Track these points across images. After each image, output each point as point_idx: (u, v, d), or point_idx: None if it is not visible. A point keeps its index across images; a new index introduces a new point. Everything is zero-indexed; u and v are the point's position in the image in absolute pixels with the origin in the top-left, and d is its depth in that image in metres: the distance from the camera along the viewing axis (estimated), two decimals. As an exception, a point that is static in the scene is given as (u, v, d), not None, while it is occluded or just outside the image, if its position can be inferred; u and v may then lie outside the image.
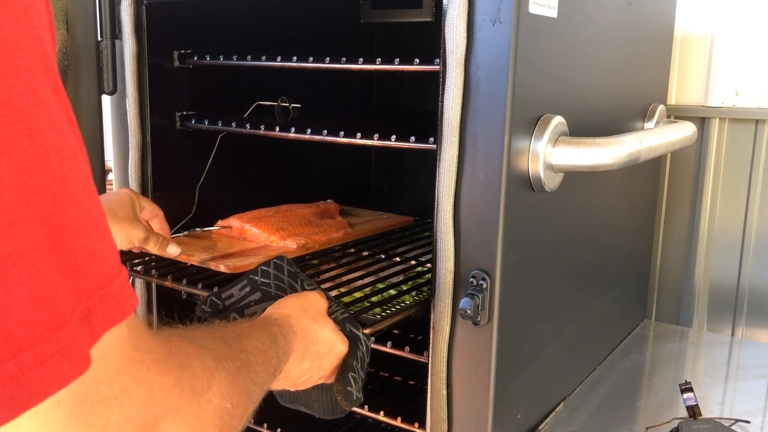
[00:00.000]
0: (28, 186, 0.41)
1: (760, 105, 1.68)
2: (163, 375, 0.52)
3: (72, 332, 0.43)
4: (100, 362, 0.46)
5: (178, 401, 0.53)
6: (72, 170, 0.45)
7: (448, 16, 1.00)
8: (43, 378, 0.41)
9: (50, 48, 0.47)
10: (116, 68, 1.41)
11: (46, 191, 0.43)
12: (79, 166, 0.46)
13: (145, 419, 0.49)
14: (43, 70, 0.45)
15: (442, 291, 1.08)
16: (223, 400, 0.59)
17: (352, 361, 0.98)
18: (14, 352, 0.39)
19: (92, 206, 0.46)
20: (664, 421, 1.25)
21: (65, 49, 1.35)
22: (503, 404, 1.11)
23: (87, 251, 0.45)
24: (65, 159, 0.45)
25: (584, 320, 1.41)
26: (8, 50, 0.42)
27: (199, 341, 0.63)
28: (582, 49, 1.20)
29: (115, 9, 1.37)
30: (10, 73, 0.42)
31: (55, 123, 0.45)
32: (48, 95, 0.45)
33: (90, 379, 0.44)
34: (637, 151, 1.17)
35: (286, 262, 1.03)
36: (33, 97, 0.43)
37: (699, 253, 1.79)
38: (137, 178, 1.43)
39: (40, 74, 0.44)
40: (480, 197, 1.03)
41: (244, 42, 1.49)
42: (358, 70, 1.21)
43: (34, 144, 0.42)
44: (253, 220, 1.47)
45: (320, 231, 1.53)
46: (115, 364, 0.47)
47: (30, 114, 0.42)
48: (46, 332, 0.41)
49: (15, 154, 0.41)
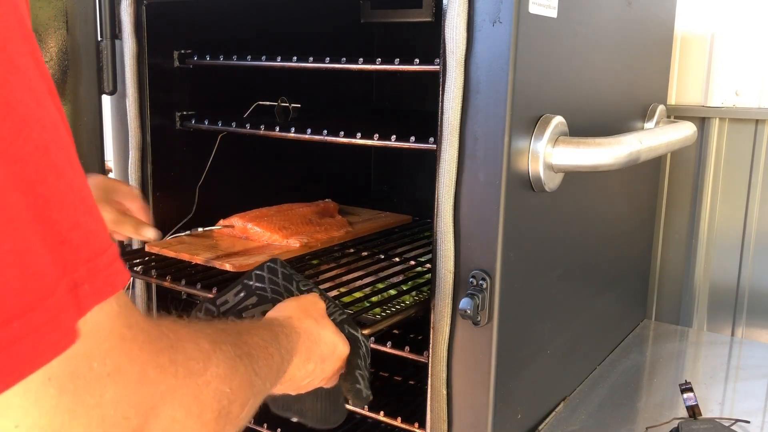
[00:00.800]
0: (7, 155, 0.40)
1: (760, 105, 1.68)
2: (155, 354, 0.51)
3: (60, 302, 0.42)
4: (90, 339, 0.44)
5: (173, 381, 0.52)
6: (54, 141, 0.43)
7: (448, 16, 1.00)
8: (35, 347, 0.40)
9: (26, 15, 0.45)
10: (116, 68, 1.41)
11: (28, 161, 0.41)
12: (61, 137, 0.45)
13: (141, 399, 0.48)
14: (21, 37, 0.43)
15: (442, 291, 1.08)
16: (221, 383, 0.58)
17: (357, 360, 0.97)
18: (3, 321, 0.39)
19: (76, 178, 0.45)
20: (664, 421, 1.25)
21: (65, 49, 1.35)
22: (503, 404, 1.11)
23: (72, 223, 0.44)
24: (46, 129, 0.43)
25: (584, 320, 1.41)
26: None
27: (194, 326, 0.62)
28: (582, 49, 1.20)
29: (115, 9, 1.37)
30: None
31: (35, 92, 0.43)
32: (26, 63, 0.43)
33: (81, 355, 0.44)
34: (637, 151, 1.17)
35: (279, 265, 1.03)
36: (9, 64, 0.41)
37: (699, 253, 1.79)
38: (137, 178, 1.43)
39: (18, 41, 0.42)
40: (480, 197, 1.03)
41: (244, 42, 1.49)
42: (358, 70, 1.21)
43: (13, 112, 0.41)
44: (255, 219, 1.48)
45: (321, 230, 1.53)
46: (107, 341, 0.46)
47: (6, 81, 0.41)
48: (34, 301, 0.40)
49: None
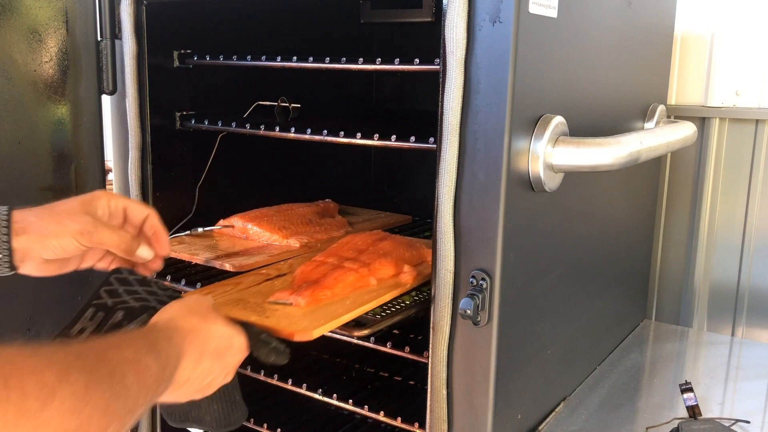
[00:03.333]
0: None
1: (760, 105, 1.68)
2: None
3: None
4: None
5: (1, 423, 0.51)
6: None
7: (448, 16, 1.00)
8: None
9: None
10: (116, 68, 1.41)
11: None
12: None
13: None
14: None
15: (442, 291, 1.08)
16: (66, 419, 0.56)
17: (256, 332, 0.95)
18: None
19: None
20: (664, 421, 1.25)
21: (65, 49, 1.35)
22: (503, 404, 1.11)
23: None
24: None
25: (584, 320, 1.41)
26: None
27: (43, 355, 0.60)
28: (582, 49, 1.20)
29: (115, 9, 1.37)
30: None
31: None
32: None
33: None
34: (637, 151, 1.17)
35: (127, 273, 0.98)
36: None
37: (699, 253, 1.79)
38: (137, 178, 1.43)
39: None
40: (480, 197, 1.03)
41: (244, 42, 1.49)
42: (358, 70, 1.21)
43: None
44: (255, 219, 1.47)
45: (321, 230, 1.53)
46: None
47: None
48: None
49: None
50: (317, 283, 1.16)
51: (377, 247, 1.32)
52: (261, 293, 1.15)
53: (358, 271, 1.22)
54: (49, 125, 1.36)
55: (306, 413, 1.56)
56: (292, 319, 1.06)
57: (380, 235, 1.41)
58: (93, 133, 1.43)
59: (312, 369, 1.57)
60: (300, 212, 1.57)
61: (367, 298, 1.17)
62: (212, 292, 1.17)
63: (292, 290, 1.14)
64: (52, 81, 1.34)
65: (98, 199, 1.02)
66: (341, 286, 1.17)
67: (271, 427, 1.48)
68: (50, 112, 1.36)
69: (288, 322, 1.04)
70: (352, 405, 1.35)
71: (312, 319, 1.06)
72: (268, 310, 1.08)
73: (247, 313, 1.06)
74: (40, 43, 1.32)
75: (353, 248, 1.31)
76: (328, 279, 1.17)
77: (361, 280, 1.21)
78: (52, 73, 1.34)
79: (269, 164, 1.72)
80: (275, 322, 1.04)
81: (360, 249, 1.31)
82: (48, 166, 1.36)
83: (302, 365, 1.57)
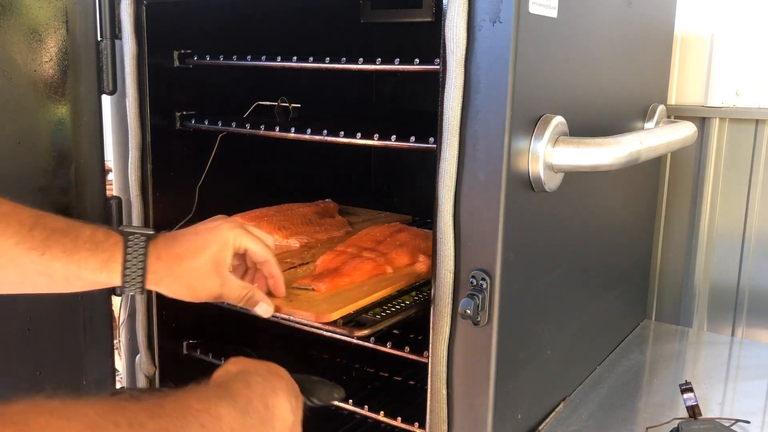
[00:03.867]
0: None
1: (760, 105, 1.68)
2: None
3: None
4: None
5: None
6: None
7: (448, 16, 1.00)
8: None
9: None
10: (116, 68, 1.41)
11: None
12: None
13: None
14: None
15: (442, 291, 1.08)
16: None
17: (310, 381, 0.97)
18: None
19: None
20: (664, 421, 1.25)
21: (65, 49, 1.35)
22: (503, 404, 1.11)
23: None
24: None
25: (584, 320, 1.41)
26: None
27: (70, 408, 0.55)
28: (582, 49, 1.20)
29: (115, 9, 1.37)
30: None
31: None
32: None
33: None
34: (637, 151, 1.17)
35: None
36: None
37: (699, 253, 1.79)
38: (137, 178, 1.43)
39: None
40: (480, 197, 1.03)
41: (244, 42, 1.49)
42: (358, 70, 1.21)
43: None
44: (255, 219, 1.48)
45: (321, 230, 1.53)
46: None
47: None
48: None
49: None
50: (337, 271, 1.23)
51: (394, 238, 1.39)
52: (285, 280, 1.20)
53: (375, 260, 1.28)
54: (49, 125, 1.36)
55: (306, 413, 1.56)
56: (314, 302, 1.13)
57: (398, 227, 1.47)
58: (93, 133, 1.43)
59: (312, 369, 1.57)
60: (300, 212, 1.57)
61: (383, 285, 1.23)
62: None
63: (313, 277, 1.21)
64: (52, 81, 1.34)
65: (226, 249, 1.01)
66: (359, 273, 1.23)
67: (271, 427, 1.47)
68: (50, 112, 1.36)
69: (309, 305, 1.12)
70: (351, 405, 1.35)
71: (332, 303, 1.14)
72: (292, 295, 1.15)
73: (273, 297, 1.13)
74: (40, 43, 1.32)
75: (371, 239, 1.38)
76: (347, 267, 1.24)
77: (378, 268, 1.27)
78: (52, 73, 1.34)
79: (269, 164, 1.72)
80: (298, 305, 1.11)
81: (378, 240, 1.38)
82: (48, 166, 1.36)
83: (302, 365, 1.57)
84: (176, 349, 1.55)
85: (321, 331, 1.37)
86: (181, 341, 1.56)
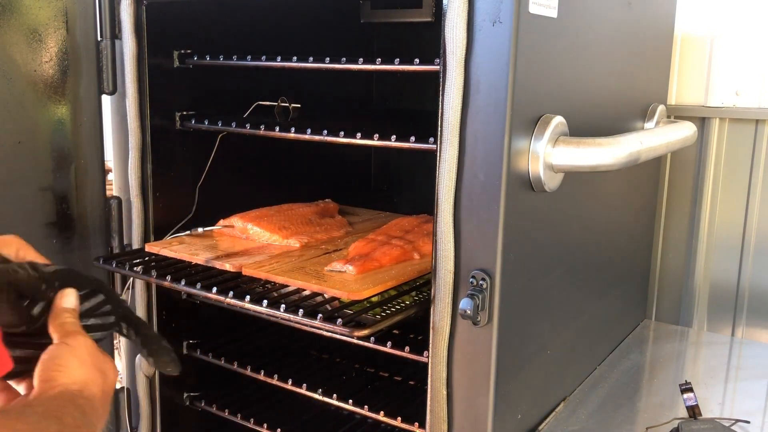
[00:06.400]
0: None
1: (760, 105, 1.68)
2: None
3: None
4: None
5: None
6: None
7: (448, 16, 1.00)
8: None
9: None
10: (116, 68, 1.41)
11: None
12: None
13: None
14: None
15: (442, 291, 1.08)
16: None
17: (156, 338, 0.84)
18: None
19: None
20: (664, 421, 1.25)
21: (65, 49, 1.35)
22: (503, 404, 1.11)
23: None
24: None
25: (584, 320, 1.41)
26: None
27: None
28: (582, 49, 1.20)
29: (115, 9, 1.37)
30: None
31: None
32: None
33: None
34: (637, 151, 1.17)
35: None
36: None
37: (699, 253, 1.79)
38: (137, 178, 1.43)
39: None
40: (480, 197, 1.03)
41: (244, 42, 1.49)
42: (358, 70, 1.21)
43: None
44: (256, 219, 1.48)
45: (321, 230, 1.54)
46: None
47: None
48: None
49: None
50: (367, 256, 1.31)
51: (422, 228, 1.49)
52: (319, 263, 1.32)
53: (403, 247, 1.37)
54: (49, 125, 1.36)
55: (306, 413, 1.56)
56: (346, 283, 1.22)
57: (425, 218, 1.56)
58: (93, 133, 1.43)
59: (312, 369, 1.57)
60: (300, 212, 1.57)
61: (409, 270, 1.31)
62: (278, 261, 1.33)
63: (345, 260, 1.29)
64: (52, 81, 1.34)
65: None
66: (388, 258, 1.32)
67: (271, 427, 1.48)
68: (50, 112, 1.36)
69: (343, 285, 1.20)
70: (352, 405, 1.35)
71: (362, 283, 1.22)
72: (326, 276, 1.25)
73: (307, 277, 1.23)
74: (40, 43, 1.32)
75: (400, 228, 1.48)
76: (377, 252, 1.33)
77: (405, 254, 1.36)
78: (52, 73, 1.34)
79: (269, 164, 1.72)
80: (331, 285, 1.20)
81: (406, 229, 1.48)
82: (48, 166, 1.36)
83: (302, 365, 1.58)
84: (176, 350, 1.54)
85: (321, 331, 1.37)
86: (181, 341, 1.56)
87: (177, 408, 1.58)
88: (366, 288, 1.20)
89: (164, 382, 1.53)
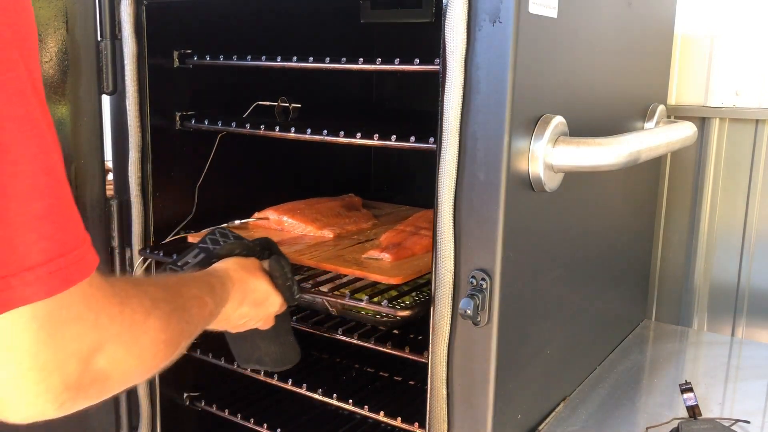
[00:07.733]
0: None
1: (760, 105, 1.68)
2: (108, 307, 0.69)
3: (86, 246, 0.66)
4: (64, 292, 0.63)
5: (119, 328, 0.70)
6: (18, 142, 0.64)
7: (448, 16, 1.00)
8: (79, 269, 0.64)
9: (22, 15, 0.62)
10: (116, 68, 1.41)
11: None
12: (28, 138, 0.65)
13: (93, 338, 0.66)
14: (9, 37, 0.59)
15: (442, 291, 1.08)
16: (157, 333, 0.76)
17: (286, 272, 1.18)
18: (65, 252, 0.63)
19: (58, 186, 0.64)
20: (664, 421, 1.25)
21: (65, 49, 1.35)
22: (503, 404, 1.11)
23: (71, 214, 0.65)
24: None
25: (584, 320, 1.41)
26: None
27: (141, 286, 0.79)
28: (582, 49, 1.20)
29: (115, 9, 1.37)
30: None
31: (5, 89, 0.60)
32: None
33: (56, 303, 0.62)
34: (637, 151, 1.17)
35: (229, 231, 1.29)
36: None
37: (699, 253, 1.79)
38: (137, 178, 1.43)
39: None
40: (480, 197, 1.03)
41: (244, 42, 1.49)
42: (358, 70, 1.21)
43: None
44: (289, 211, 1.54)
45: (351, 222, 1.60)
46: (74, 294, 0.64)
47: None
48: (81, 243, 0.65)
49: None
50: (400, 245, 1.40)
51: None
52: (356, 251, 1.42)
53: (432, 236, 1.41)
54: (49, 125, 1.36)
55: (306, 413, 1.57)
56: (384, 269, 1.31)
57: None
58: (93, 133, 1.42)
59: (312, 369, 1.57)
60: (329, 206, 1.63)
61: None
62: (317, 250, 1.42)
63: (381, 249, 1.37)
64: (52, 81, 1.34)
65: None
66: (419, 247, 1.40)
67: (271, 427, 1.48)
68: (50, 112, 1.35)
69: (381, 271, 1.29)
70: (352, 405, 1.35)
71: (398, 270, 1.30)
72: (364, 263, 1.34)
73: (348, 264, 1.33)
74: (40, 43, 1.32)
75: (426, 220, 1.53)
76: (409, 242, 1.42)
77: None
78: (52, 73, 1.34)
79: (269, 164, 1.72)
80: (371, 271, 1.29)
81: (431, 221, 1.57)
82: (48, 166, 1.36)
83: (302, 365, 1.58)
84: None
85: (321, 331, 1.37)
86: (181, 341, 1.56)
87: (177, 408, 1.58)
88: (402, 273, 1.29)
89: (164, 382, 1.53)
